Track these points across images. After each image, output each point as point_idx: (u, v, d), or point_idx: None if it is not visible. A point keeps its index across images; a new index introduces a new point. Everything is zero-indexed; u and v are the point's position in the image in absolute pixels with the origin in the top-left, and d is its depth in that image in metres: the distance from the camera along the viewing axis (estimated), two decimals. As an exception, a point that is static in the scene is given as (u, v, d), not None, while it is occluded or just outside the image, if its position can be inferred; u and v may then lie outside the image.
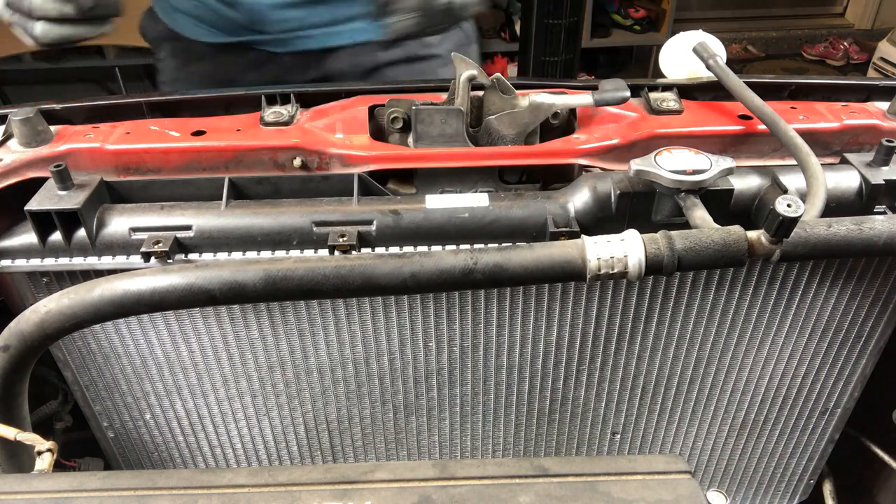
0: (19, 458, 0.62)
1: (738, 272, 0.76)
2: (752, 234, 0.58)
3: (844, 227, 0.61)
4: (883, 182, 0.72)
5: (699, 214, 0.64)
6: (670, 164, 0.66)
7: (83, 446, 0.93)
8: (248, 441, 0.89)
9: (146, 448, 0.90)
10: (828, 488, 1.05)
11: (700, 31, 0.88)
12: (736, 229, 0.58)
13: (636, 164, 0.67)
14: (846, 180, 0.74)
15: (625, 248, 0.58)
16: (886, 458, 0.98)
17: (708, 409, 0.90)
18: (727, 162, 0.67)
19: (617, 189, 0.70)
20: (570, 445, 0.93)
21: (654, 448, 0.94)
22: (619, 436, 0.92)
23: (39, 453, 0.54)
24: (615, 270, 0.58)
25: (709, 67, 0.83)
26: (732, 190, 0.70)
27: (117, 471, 0.83)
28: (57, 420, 0.93)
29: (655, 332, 0.81)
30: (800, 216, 0.54)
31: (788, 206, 0.54)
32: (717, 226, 0.63)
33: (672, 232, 0.59)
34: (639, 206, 0.70)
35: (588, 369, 0.84)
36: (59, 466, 0.55)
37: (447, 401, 0.86)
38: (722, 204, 0.70)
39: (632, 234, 0.58)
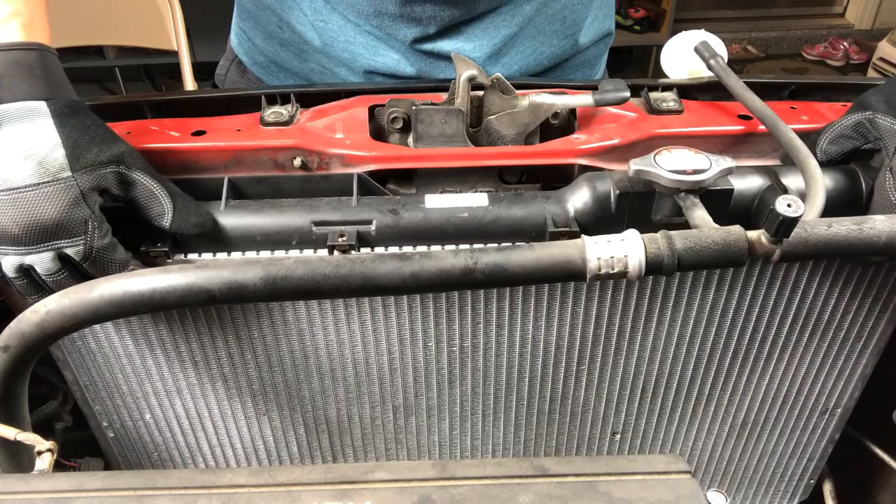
0: (19, 458, 0.62)
1: (738, 271, 0.76)
2: (753, 234, 0.58)
3: (845, 227, 0.61)
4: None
5: (699, 214, 0.64)
6: (670, 164, 0.66)
7: (83, 446, 0.93)
8: (247, 441, 0.89)
9: (146, 448, 0.90)
10: (828, 488, 1.05)
11: (702, 30, 0.88)
12: (736, 229, 0.58)
13: (635, 164, 0.67)
14: (848, 180, 0.74)
15: (625, 248, 0.58)
16: (886, 458, 0.98)
17: (708, 409, 0.90)
18: (727, 162, 0.67)
19: (616, 189, 0.70)
20: (570, 445, 0.93)
21: (654, 448, 0.94)
22: (619, 436, 0.92)
23: (39, 453, 0.54)
24: (615, 270, 0.58)
25: (709, 67, 0.83)
26: (732, 190, 0.70)
27: (117, 471, 0.83)
28: (57, 420, 0.93)
29: (655, 332, 0.81)
30: (800, 216, 0.54)
31: (788, 205, 0.54)
32: (716, 226, 0.63)
33: (672, 232, 0.59)
34: (638, 206, 0.70)
35: (588, 369, 0.84)
36: (59, 466, 0.55)
37: (447, 401, 0.86)
38: (722, 204, 0.70)
39: (632, 234, 0.58)
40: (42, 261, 0.62)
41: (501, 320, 0.78)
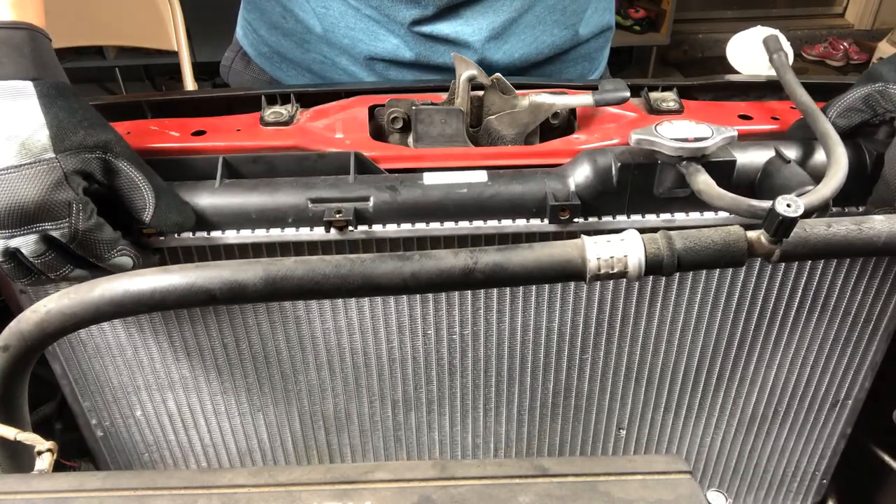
0: (19, 458, 0.62)
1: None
2: (752, 234, 0.58)
3: (844, 227, 0.61)
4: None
5: (702, 179, 0.64)
6: (671, 133, 0.66)
7: (83, 446, 0.93)
8: (241, 439, 0.89)
9: (136, 448, 0.90)
10: (830, 492, 1.04)
11: (771, 28, 0.88)
12: (736, 229, 0.58)
13: (636, 134, 0.66)
14: (853, 154, 0.74)
15: (625, 248, 0.58)
16: (887, 458, 0.98)
17: (716, 402, 0.90)
18: (729, 131, 0.67)
19: (618, 161, 0.69)
20: (574, 441, 0.92)
21: (661, 443, 0.94)
22: (624, 431, 0.92)
23: (39, 453, 0.54)
24: (615, 270, 0.58)
25: (771, 60, 0.83)
26: (734, 161, 0.70)
27: (117, 471, 0.83)
28: (57, 420, 0.93)
29: (660, 318, 0.81)
30: (800, 216, 0.54)
31: (788, 206, 0.54)
32: (720, 190, 0.63)
33: (672, 232, 0.59)
34: (640, 178, 0.70)
35: (592, 358, 0.84)
36: (59, 466, 0.55)
37: (447, 394, 0.85)
38: (725, 175, 0.69)
39: (631, 234, 0.59)
40: (27, 243, 0.61)
41: (502, 307, 0.78)
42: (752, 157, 0.73)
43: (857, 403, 0.92)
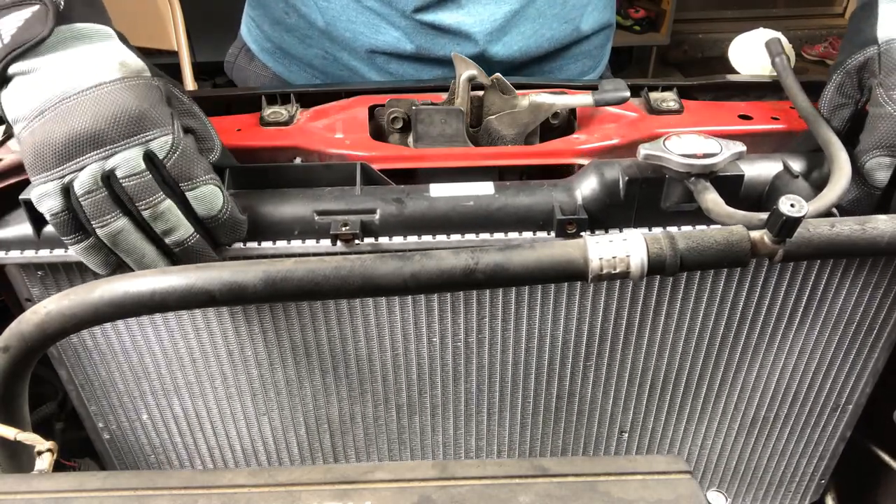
0: (19, 458, 0.62)
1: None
2: (756, 234, 0.58)
3: (847, 226, 0.61)
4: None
5: (710, 197, 0.64)
6: (680, 148, 0.66)
7: (82, 446, 0.93)
8: (247, 442, 0.89)
9: (143, 450, 0.89)
10: (830, 490, 1.04)
11: (773, 31, 0.89)
12: (738, 229, 0.58)
13: (645, 149, 0.66)
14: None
15: (627, 248, 0.57)
16: (887, 458, 0.98)
17: (717, 406, 0.90)
18: (737, 146, 0.66)
19: (625, 175, 0.69)
20: (576, 444, 0.92)
21: (662, 447, 0.94)
22: (626, 434, 0.92)
23: (39, 453, 0.54)
24: (617, 270, 0.58)
25: (773, 63, 0.83)
26: (742, 175, 0.69)
27: (118, 471, 0.83)
28: (57, 420, 0.93)
29: (664, 325, 0.81)
30: (803, 216, 0.54)
31: (792, 205, 0.54)
32: (728, 209, 0.63)
33: (674, 231, 0.59)
34: (648, 192, 0.70)
35: (595, 364, 0.84)
36: (59, 466, 0.55)
37: (451, 399, 0.85)
38: (732, 190, 0.69)
39: (634, 234, 0.58)
40: (127, 160, 0.60)
41: (507, 315, 0.78)
42: (760, 171, 0.72)
43: (857, 408, 0.92)
